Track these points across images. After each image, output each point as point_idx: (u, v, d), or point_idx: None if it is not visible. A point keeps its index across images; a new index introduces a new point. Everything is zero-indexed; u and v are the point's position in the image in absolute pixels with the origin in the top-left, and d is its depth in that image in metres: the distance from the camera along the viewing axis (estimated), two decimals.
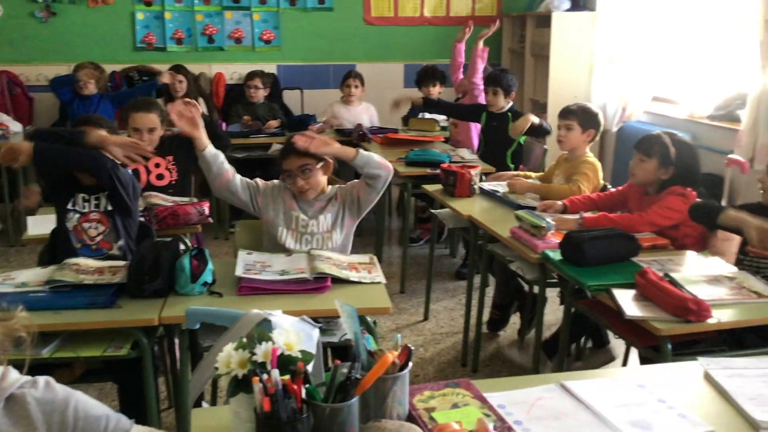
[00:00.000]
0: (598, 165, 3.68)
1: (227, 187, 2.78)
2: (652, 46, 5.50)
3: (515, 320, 3.95)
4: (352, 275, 2.50)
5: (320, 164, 2.78)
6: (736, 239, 3.01)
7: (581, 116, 3.67)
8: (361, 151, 2.76)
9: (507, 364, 3.60)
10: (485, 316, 3.86)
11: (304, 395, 1.29)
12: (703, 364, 1.68)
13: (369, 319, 2.34)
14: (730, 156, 4.27)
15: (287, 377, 1.29)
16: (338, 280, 2.45)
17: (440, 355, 3.67)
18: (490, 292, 4.07)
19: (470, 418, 1.39)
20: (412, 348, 1.43)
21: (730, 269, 2.59)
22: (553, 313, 3.94)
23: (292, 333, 1.37)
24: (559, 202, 3.32)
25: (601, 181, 3.69)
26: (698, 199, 3.03)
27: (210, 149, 2.75)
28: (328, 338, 2.39)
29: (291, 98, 6.71)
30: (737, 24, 4.79)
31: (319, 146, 2.72)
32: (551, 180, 3.83)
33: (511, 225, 3.05)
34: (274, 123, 5.79)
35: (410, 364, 1.42)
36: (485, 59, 5.35)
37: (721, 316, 2.21)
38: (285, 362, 1.32)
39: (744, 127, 4.41)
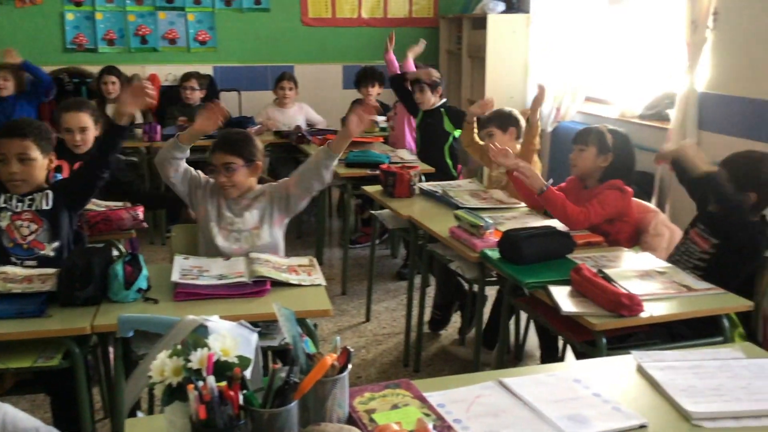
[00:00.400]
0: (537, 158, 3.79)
1: (169, 177, 2.81)
2: (585, 47, 5.63)
3: (456, 319, 3.98)
4: (292, 278, 2.48)
5: (247, 164, 2.78)
6: (667, 235, 3.11)
7: (496, 121, 3.89)
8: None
9: (449, 363, 3.62)
10: (426, 316, 3.88)
11: (241, 401, 1.27)
12: (636, 357, 1.72)
13: (309, 321, 2.33)
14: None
15: (224, 383, 1.26)
16: (278, 283, 2.43)
17: (382, 356, 3.67)
18: (431, 291, 4.10)
19: (410, 419, 1.40)
20: (352, 350, 1.42)
21: (661, 264, 2.67)
22: None
23: (229, 338, 1.34)
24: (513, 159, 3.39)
25: None
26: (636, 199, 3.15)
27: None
28: (267, 342, 2.36)
29: (228, 100, 6.61)
30: (666, 25, 4.94)
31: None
32: (492, 178, 3.94)
33: (451, 225, 3.07)
34: None
35: (350, 366, 1.41)
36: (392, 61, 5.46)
37: (653, 310, 2.26)
38: (221, 368, 1.30)
39: (673, 125, 4.55)
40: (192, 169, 2.88)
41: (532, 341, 3.68)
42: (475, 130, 4.13)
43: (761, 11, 4.04)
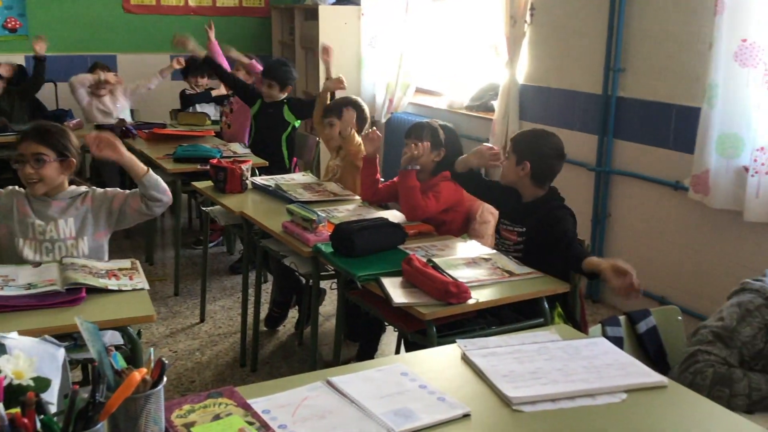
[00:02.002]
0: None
1: None
2: (414, 39, 5.74)
3: (294, 314, 3.93)
4: (111, 283, 2.31)
5: (59, 159, 2.55)
6: (492, 222, 3.23)
7: (336, 111, 3.82)
8: (151, 171, 2.60)
9: (287, 360, 3.56)
10: (263, 314, 3.80)
11: (39, 427, 1.15)
12: (460, 345, 1.75)
13: (131, 329, 2.18)
14: (483, 144, 4.57)
15: (17, 410, 1.13)
16: (95, 290, 2.25)
17: (218, 358, 3.55)
18: (268, 288, 4.02)
19: (233, 429, 1.33)
20: (166, 362, 1.33)
21: (487, 251, 2.75)
22: (332, 303, 3.97)
23: (23, 358, 1.21)
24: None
25: None
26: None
27: None
28: (85, 355, 2.19)
29: (43, 91, 6.12)
30: (489, 20, 5.13)
31: (104, 149, 2.52)
32: (329, 167, 3.91)
33: (284, 219, 3.02)
34: None
35: (164, 379, 1.32)
36: (218, 52, 5.29)
37: (479, 296, 2.33)
38: (14, 393, 1.16)
39: (496, 116, 4.75)
40: None
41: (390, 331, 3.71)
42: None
43: (573, 7, 4.30)
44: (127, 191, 2.68)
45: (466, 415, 1.45)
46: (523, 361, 1.66)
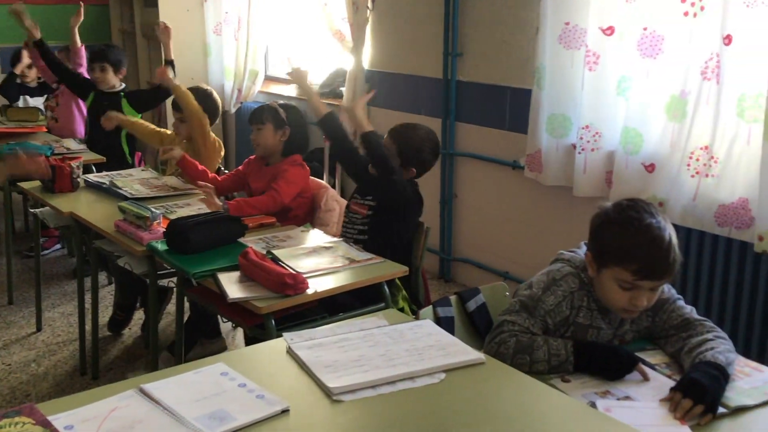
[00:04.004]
0: (219, 143, 3.68)
1: None
2: (261, 25, 5.62)
3: (141, 316, 3.77)
4: None
5: None
6: (337, 210, 3.23)
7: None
8: None
9: (132, 364, 3.40)
10: (105, 318, 3.62)
11: None
12: (286, 338, 1.72)
13: None
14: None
15: None
16: None
17: (56, 368, 3.34)
18: (112, 290, 3.83)
19: None
20: None
21: (329, 239, 2.74)
22: None
23: None
24: (178, 151, 3.35)
25: (219, 163, 3.70)
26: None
27: None
28: None
29: None
30: (332, 5, 5.10)
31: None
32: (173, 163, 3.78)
33: (117, 218, 2.87)
34: None
35: None
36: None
37: (318, 286, 2.32)
38: None
39: (344, 102, 4.74)
40: None
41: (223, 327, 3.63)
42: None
43: None
44: None
45: (285, 411, 1.42)
46: (348, 349, 1.64)
